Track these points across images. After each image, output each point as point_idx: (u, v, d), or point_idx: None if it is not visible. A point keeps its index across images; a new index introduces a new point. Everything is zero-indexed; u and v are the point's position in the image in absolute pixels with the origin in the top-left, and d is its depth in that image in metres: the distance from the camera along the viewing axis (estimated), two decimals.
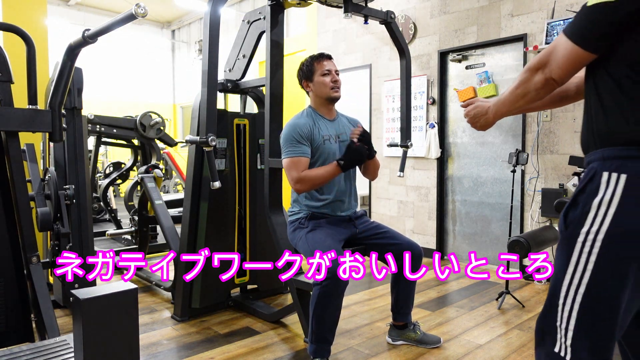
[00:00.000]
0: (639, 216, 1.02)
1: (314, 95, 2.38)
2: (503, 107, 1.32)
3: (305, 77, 2.38)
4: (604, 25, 1.04)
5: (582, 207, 1.09)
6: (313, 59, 2.37)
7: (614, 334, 1.08)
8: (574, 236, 1.10)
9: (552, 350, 1.14)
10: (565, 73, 1.12)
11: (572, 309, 1.10)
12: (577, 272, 1.09)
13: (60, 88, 1.97)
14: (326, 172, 2.18)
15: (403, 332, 2.44)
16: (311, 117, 2.34)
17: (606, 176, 1.05)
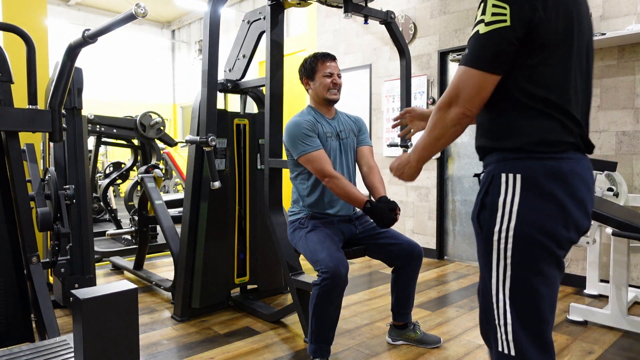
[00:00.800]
0: (537, 209, 1.14)
1: (314, 94, 2.39)
2: (424, 152, 1.31)
3: (307, 75, 2.38)
4: (505, 47, 1.11)
5: (490, 208, 1.20)
6: (317, 58, 2.36)
7: (546, 317, 1.17)
8: (490, 236, 1.20)
9: (497, 350, 1.20)
10: (478, 101, 1.16)
11: (505, 304, 1.18)
12: (500, 268, 1.19)
13: (60, 88, 1.98)
14: (353, 196, 2.16)
15: (403, 332, 2.44)
16: (312, 115, 2.35)
17: (504, 177, 1.17)
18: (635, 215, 2.55)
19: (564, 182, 1.15)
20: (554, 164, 1.15)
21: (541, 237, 1.14)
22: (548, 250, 1.15)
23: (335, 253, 2.07)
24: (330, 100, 2.36)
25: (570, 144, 1.18)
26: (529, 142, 1.15)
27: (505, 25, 1.10)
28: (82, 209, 2.63)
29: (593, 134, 3.37)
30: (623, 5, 3.20)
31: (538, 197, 1.14)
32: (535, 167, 1.15)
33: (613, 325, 2.60)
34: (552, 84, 1.16)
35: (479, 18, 1.14)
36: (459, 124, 1.19)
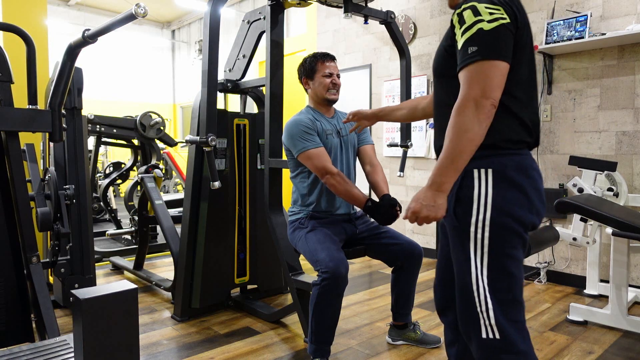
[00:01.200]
0: (509, 198, 1.26)
1: (313, 94, 2.39)
2: (452, 168, 1.21)
3: (306, 74, 2.38)
4: (510, 40, 1.23)
5: (466, 202, 1.29)
6: (317, 57, 2.37)
7: (520, 298, 1.30)
8: (466, 227, 1.29)
9: (481, 338, 1.28)
10: (501, 92, 1.21)
11: (485, 290, 1.27)
12: (478, 257, 1.28)
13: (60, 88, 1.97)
14: (353, 194, 2.16)
15: (403, 332, 2.44)
16: (311, 114, 2.35)
17: (477, 172, 1.28)
18: (635, 215, 2.55)
19: (527, 175, 1.29)
20: (518, 159, 1.29)
21: (514, 223, 1.26)
22: (518, 234, 1.28)
23: (335, 253, 2.07)
24: (330, 100, 2.37)
25: (527, 143, 1.31)
26: (499, 140, 1.26)
27: (507, 22, 1.20)
28: (82, 209, 2.63)
29: (593, 134, 3.37)
30: (623, 5, 3.20)
31: (509, 188, 1.26)
32: (504, 162, 1.27)
33: (613, 325, 2.61)
34: (519, 88, 1.27)
35: (474, 19, 1.20)
36: (490, 117, 1.20)
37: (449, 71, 1.31)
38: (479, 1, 1.22)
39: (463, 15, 1.23)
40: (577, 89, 3.45)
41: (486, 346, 1.27)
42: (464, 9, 1.23)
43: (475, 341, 1.29)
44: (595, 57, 3.35)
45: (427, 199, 1.25)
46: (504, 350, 1.26)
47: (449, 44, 1.31)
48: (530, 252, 2.66)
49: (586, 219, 2.95)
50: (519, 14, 1.25)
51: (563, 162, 3.51)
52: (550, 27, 3.41)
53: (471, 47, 1.20)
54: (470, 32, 1.20)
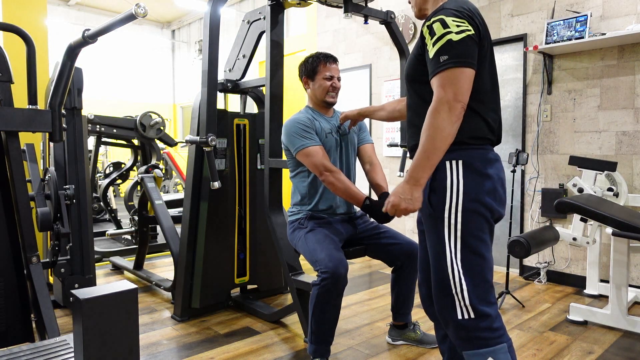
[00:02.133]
0: (477, 186, 1.41)
1: (312, 95, 2.39)
2: (428, 164, 1.36)
3: (307, 74, 2.37)
4: (475, 49, 1.37)
5: (439, 191, 1.42)
6: (320, 58, 2.35)
7: (490, 279, 1.43)
8: (441, 214, 1.42)
9: (456, 319, 1.40)
10: (469, 94, 1.36)
11: (459, 272, 1.40)
12: (452, 241, 1.41)
13: (60, 88, 1.98)
14: (352, 192, 2.15)
15: (403, 332, 2.44)
16: (310, 114, 2.35)
17: (448, 164, 1.42)
18: (635, 215, 2.55)
19: (492, 166, 1.45)
20: (483, 152, 1.45)
21: (482, 208, 1.41)
22: (487, 219, 1.43)
23: (334, 253, 2.07)
24: (329, 103, 2.37)
25: (490, 140, 1.48)
26: (466, 137, 1.41)
27: (472, 33, 1.35)
28: (82, 209, 2.63)
29: (593, 134, 3.37)
30: (623, 5, 3.20)
31: (477, 176, 1.41)
32: (472, 154, 1.42)
33: (613, 325, 2.61)
34: (483, 90, 1.42)
35: (443, 31, 1.34)
36: (460, 118, 1.35)
37: (421, 77, 1.46)
38: (446, 15, 1.36)
39: (433, 28, 1.36)
40: (577, 89, 3.45)
41: (462, 326, 1.39)
42: (434, 21, 1.37)
43: (452, 323, 1.41)
44: (595, 57, 3.35)
45: (405, 192, 1.39)
46: (479, 328, 1.38)
47: (419, 53, 1.45)
48: (531, 252, 2.66)
49: (586, 219, 2.95)
50: (481, 27, 1.39)
51: (563, 162, 3.51)
52: (550, 27, 3.41)
53: (442, 56, 1.33)
54: (441, 43, 1.34)
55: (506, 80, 3.89)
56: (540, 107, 3.62)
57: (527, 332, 2.62)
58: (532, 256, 3.63)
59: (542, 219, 3.64)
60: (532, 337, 2.54)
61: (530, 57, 3.67)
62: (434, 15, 1.40)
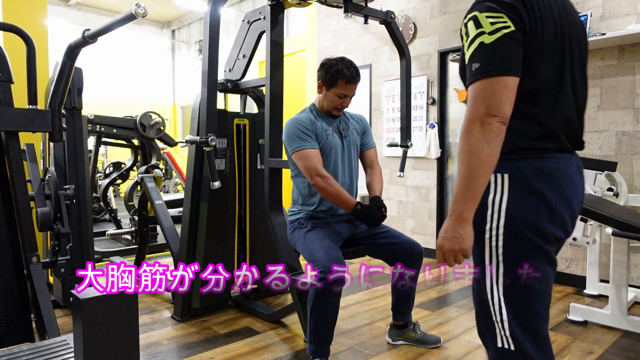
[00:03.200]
0: (524, 206, 1.18)
1: (321, 100, 2.37)
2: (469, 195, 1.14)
3: (324, 81, 2.31)
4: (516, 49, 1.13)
5: (480, 207, 1.20)
6: (343, 76, 2.25)
7: (540, 313, 1.21)
8: (482, 234, 1.22)
9: (497, 346, 1.23)
10: (510, 107, 1.13)
11: (499, 300, 1.21)
12: (493, 265, 1.22)
13: (60, 88, 1.97)
14: (344, 197, 2.18)
15: (403, 332, 2.44)
16: (313, 114, 2.35)
17: (493, 177, 1.20)
18: (635, 215, 2.55)
19: (549, 180, 1.18)
20: (540, 163, 1.19)
21: (529, 233, 1.17)
22: (537, 246, 1.18)
23: (332, 253, 2.07)
24: (332, 115, 2.38)
25: (556, 145, 1.21)
26: (516, 145, 1.19)
27: (511, 30, 1.12)
28: (82, 209, 2.63)
29: (593, 134, 3.37)
30: (623, 5, 3.20)
31: (526, 194, 1.18)
32: (522, 166, 1.19)
33: (613, 325, 2.60)
34: (541, 91, 1.19)
35: (476, 32, 1.14)
36: (500, 135, 1.12)
37: None
38: (480, 10, 1.15)
39: (467, 27, 1.17)
40: None
41: (501, 355, 1.23)
42: (468, 19, 1.18)
43: (491, 347, 1.25)
44: (595, 57, 3.35)
45: (448, 230, 1.18)
46: None
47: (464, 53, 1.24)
48: None
49: (586, 219, 2.94)
50: (528, 16, 1.14)
51: None
52: None
53: (474, 64, 1.15)
54: (473, 47, 1.15)
55: None
56: None
57: None
58: None
59: None
60: None
61: None
62: (470, 9, 1.19)
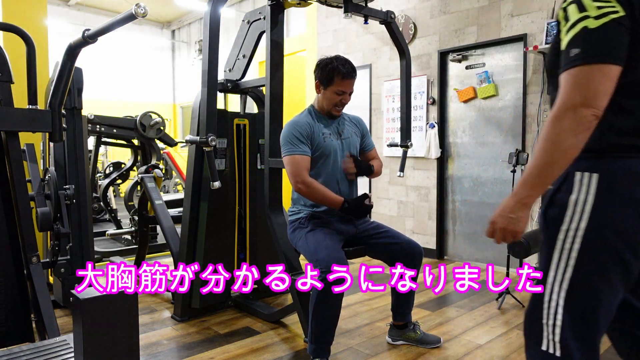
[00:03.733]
0: (615, 212, 1.07)
1: (320, 100, 2.36)
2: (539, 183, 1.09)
3: (321, 80, 2.31)
4: (623, 37, 1.04)
5: (559, 206, 1.13)
6: (338, 72, 2.25)
7: (600, 327, 1.12)
8: (555, 233, 1.14)
9: (540, 348, 1.16)
10: (607, 99, 1.04)
11: (557, 304, 1.13)
12: (560, 268, 1.13)
13: (60, 88, 1.98)
14: (330, 198, 2.20)
15: (403, 332, 2.44)
16: (312, 116, 2.35)
17: (579, 176, 1.11)
18: None
19: None
20: (635, 164, 1.09)
21: (615, 240, 1.08)
22: (619, 255, 1.08)
23: (334, 253, 2.07)
24: (332, 115, 2.37)
25: None
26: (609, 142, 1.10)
27: (620, 15, 1.03)
28: (82, 209, 2.62)
29: None
30: None
31: (617, 199, 1.08)
32: (614, 167, 1.09)
33: None
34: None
35: (579, 16, 1.06)
36: (590, 128, 1.04)
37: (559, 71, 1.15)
38: None
39: (568, 11, 1.08)
40: None
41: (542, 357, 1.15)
42: (569, 3, 1.09)
43: (532, 347, 1.19)
44: None
45: (506, 209, 1.13)
46: None
47: (556, 41, 1.15)
48: (530, 252, 2.66)
49: None
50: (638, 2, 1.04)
51: None
52: (551, 27, 3.40)
53: (573, 49, 1.05)
54: (574, 32, 1.06)
55: (506, 80, 3.89)
56: (540, 107, 3.62)
57: None
58: (532, 256, 3.62)
59: None
60: None
61: (530, 57, 3.66)
62: None
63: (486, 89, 3.96)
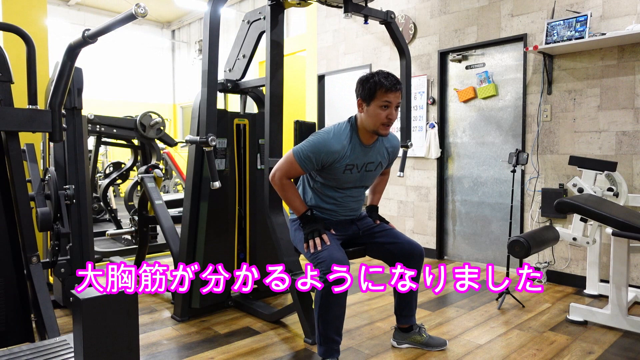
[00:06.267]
0: None
1: (364, 119, 2.14)
2: None
3: (363, 97, 2.13)
4: None
5: None
6: (381, 85, 2.07)
7: None
8: None
9: None
10: None
11: None
12: None
13: (60, 88, 1.97)
14: (295, 205, 2.21)
15: (408, 335, 2.41)
16: (348, 140, 2.15)
17: None
18: (635, 215, 2.55)
19: None
20: None
21: None
22: None
23: (336, 253, 2.07)
24: (379, 134, 2.15)
25: None
26: None
27: None
28: (82, 209, 2.63)
29: (593, 134, 3.37)
30: (623, 5, 3.20)
31: None
32: None
33: (613, 325, 2.60)
34: None
35: None
36: None
37: None
38: None
39: None
40: (577, 89, 3.45)
41: None
42: None
43: None
44: (595, 57, 3.35)
45: None
46: None
47: None
48: (530, 252, 2.66)
49: (586, 219, 2.95)
50: None
51: (563, 162, 3.51)
52: (550, 27, 3.41)
53: None
54: None
55: (506, 80, 3.89)
56: (540, 107, 3.62)
57: (527, 332, 2.62)
58: (532, 256, 3.63)
59: (542, 219, 3.64)
60: (532, 337, 2.54)
61: (530, 57, 3.67)
62: None
63: (486, 89, 3.96)
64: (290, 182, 2.22)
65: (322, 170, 2.19)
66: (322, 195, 2.29)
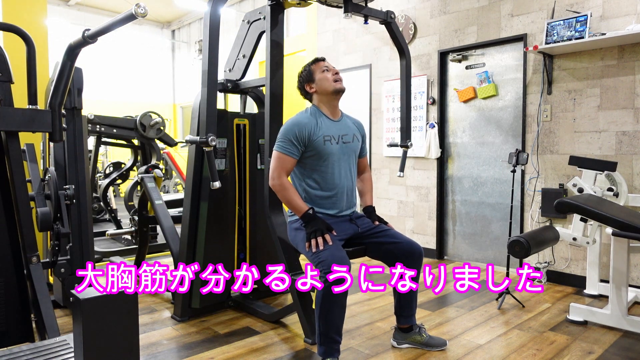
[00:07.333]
0: None
1: (318, 95, 2.37)
2: None
3: (307, 80, 2.39)
4: None
5: None
6: (309, 64, 2.41)
7: None
8: None
9: None
10: None
11: None
12: None
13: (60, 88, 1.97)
14: (296, 205, 2.23)
15: (408, 335, 2.41)
16: (314, 116, 2.34)
17: None
18: (635, 215, 2.55)
19: None
20: None
21: None
22: None
23: (337, 252, 2.07)
24: (338, 89, 2.34)
25: None
26: None
27: None
28: (82, 209, 2.63)
29: (593, 134, 3.37)
30: (623, 5, 3.20)
31: None
32: None
33: (613, 325, 2.60)
34: None
35: None
36: None
37: None
38: None
39: None
40: (577, 89, 3.45)
41: None
42: None
43: None
44: (595, 57, 3.35)
45: None
46: None
47: None
48: (530, 252, 2.66)
49: (586, 219, 2.94)
50: None
51: (563, 162, 3.51)
52: (550, 27, 3.41)
53: None
54: None
55: (506, 80, 3.89)
56: (540, 107, 3.62)
57: (527, 332, 2.62)
58: (532, 256, 3.63)
59: (542, 219, 3.64)
60: (532, 337, 2.54)
61: (530, 57, 3.67)
62: None
63: (486, 89, 3.96)
64: (290, 183, 2.26)
65: (307, 150, 2.28)
66: (317, 191, 2.32)
